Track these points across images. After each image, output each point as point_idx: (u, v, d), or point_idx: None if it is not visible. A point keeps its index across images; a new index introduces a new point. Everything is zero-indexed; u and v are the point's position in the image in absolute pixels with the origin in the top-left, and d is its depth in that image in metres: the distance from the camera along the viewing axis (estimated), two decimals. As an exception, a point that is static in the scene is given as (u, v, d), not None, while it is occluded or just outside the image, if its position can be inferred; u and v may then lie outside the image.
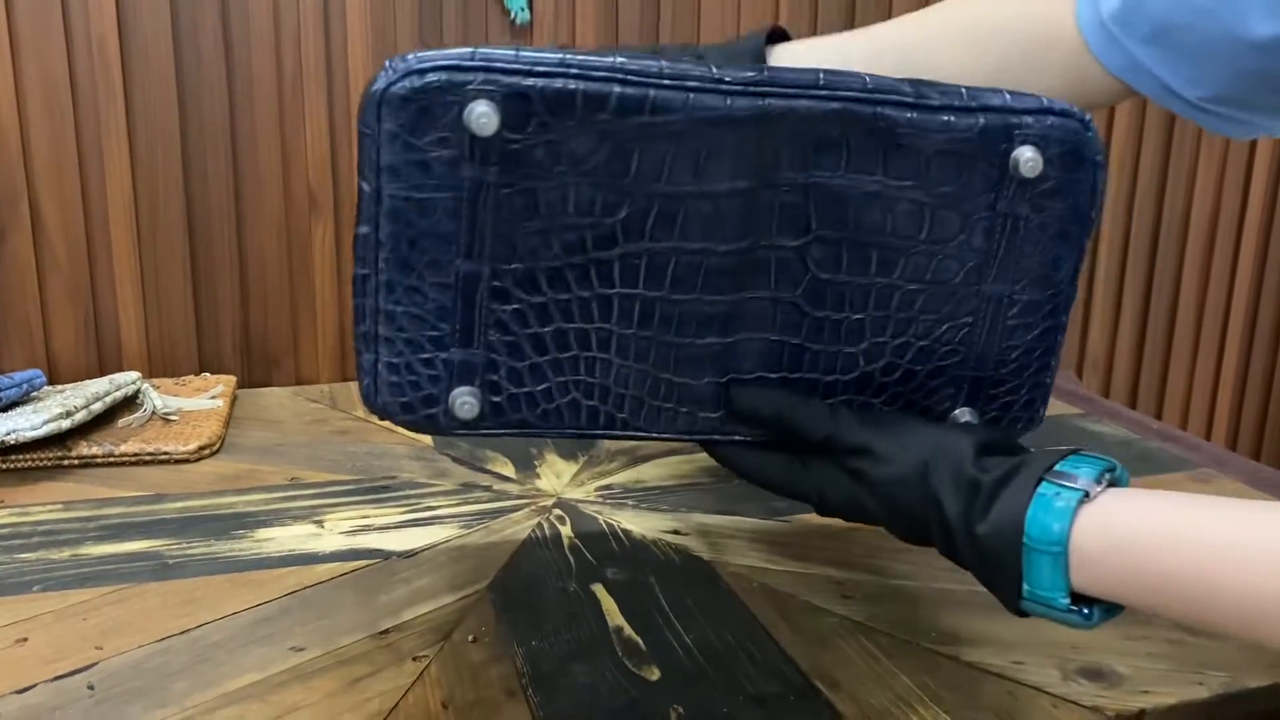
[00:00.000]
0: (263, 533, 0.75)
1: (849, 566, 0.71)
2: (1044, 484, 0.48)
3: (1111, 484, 0.49)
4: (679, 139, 0.51)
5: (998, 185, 0.54)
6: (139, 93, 1.02)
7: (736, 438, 0.57)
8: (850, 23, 1.19)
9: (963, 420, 0.59)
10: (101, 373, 1.05)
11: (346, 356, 1.13)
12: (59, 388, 0.95)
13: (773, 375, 0.56)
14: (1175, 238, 1.41)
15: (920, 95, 0.53)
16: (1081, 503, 0.47)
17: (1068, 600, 0.47)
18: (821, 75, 0.52)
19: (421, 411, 0.53)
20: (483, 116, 0.48)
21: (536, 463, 0.88)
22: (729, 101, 0.50)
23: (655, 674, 0.58)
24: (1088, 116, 0.55)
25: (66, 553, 0.72)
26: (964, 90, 0.54)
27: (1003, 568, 0.49)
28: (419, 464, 0.88)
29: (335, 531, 0.75)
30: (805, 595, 0.67)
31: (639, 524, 0.77)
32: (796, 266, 0.54)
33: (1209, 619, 0.44)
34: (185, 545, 0.73)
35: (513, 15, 1.09)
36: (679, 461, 0.89)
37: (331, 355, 1.12)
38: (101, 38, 0.99)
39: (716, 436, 0.57)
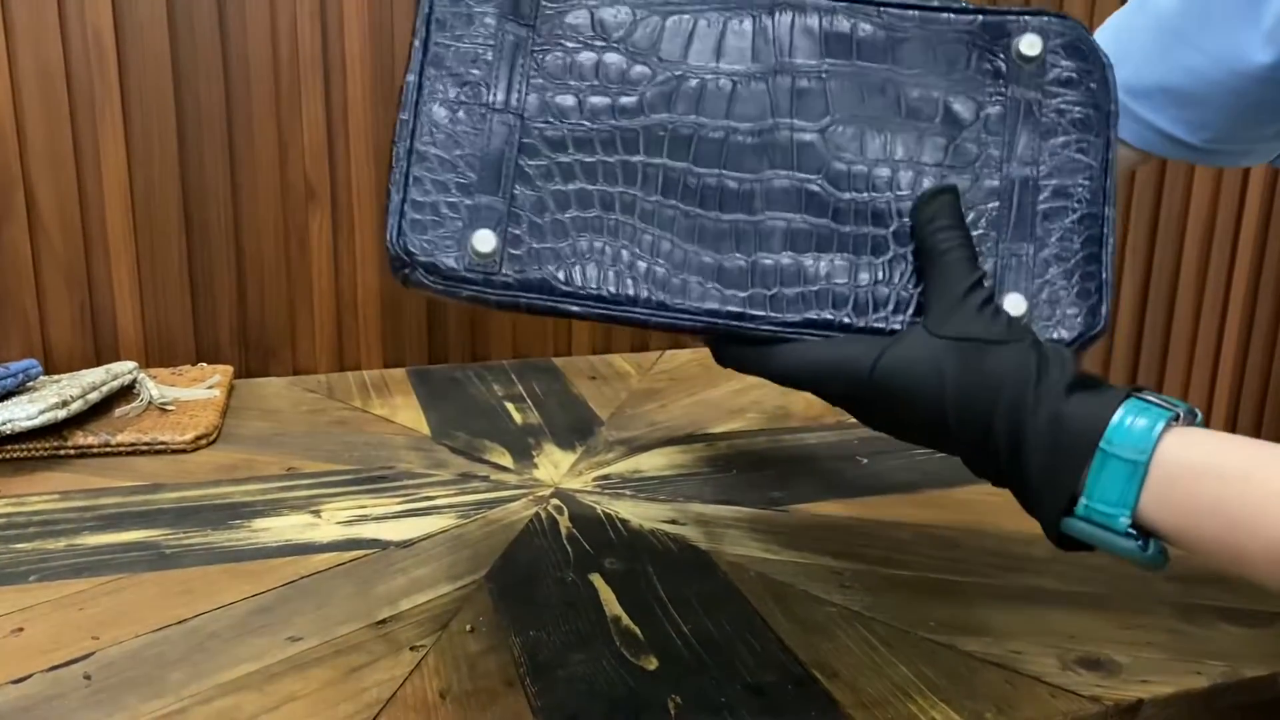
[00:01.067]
0: (259, 523, 0.75)
1: (847, 556, 0.71)
2: (1132, 398, 0.45)
3: (1191, 424, 0.46)
4: (704, 18, 0.56)
5: (1005, 73, 0.57)
6: (135, 81, 1.01)
7: (764, 328, 0.54)
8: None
9: (1011, 309, 0.55)
10: (98, 362, 1.05)
11: (344, 346, 1.12)
12: (55, 377, 0.94)
13: (801, 258, 0.56)
14: (1174, 227, 1.40)
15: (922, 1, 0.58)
16: (1170, 423, 0.44)
17: (1129, 521, 0.44)
18: None
19: (441, 253, 0.53)
20: None
21: (534, 453, 0.88)
22: None
23: (653, 663, 0.58)
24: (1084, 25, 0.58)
25: (63, 543, 0.71)
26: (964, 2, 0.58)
27: (1069, 462, 0.45)
28: (416, 454, 0.87)
29: (332, 521, 0.75)
30: (803, 585, 0.67)
31: (637, 514, 0.77)
32: (818, 149, 0.56)
33: (1267, 565, 0.41)
34: (182, 535, 0.73)
35: (510, 3, 1.08)
36: (677, 451, 0.89)
37: (329, 345, 1.12)
38: (97, 26, 0.99)
39: (745, 325, 0.54)
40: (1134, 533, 0.44)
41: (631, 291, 0.54)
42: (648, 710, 0.54)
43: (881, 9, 0.57)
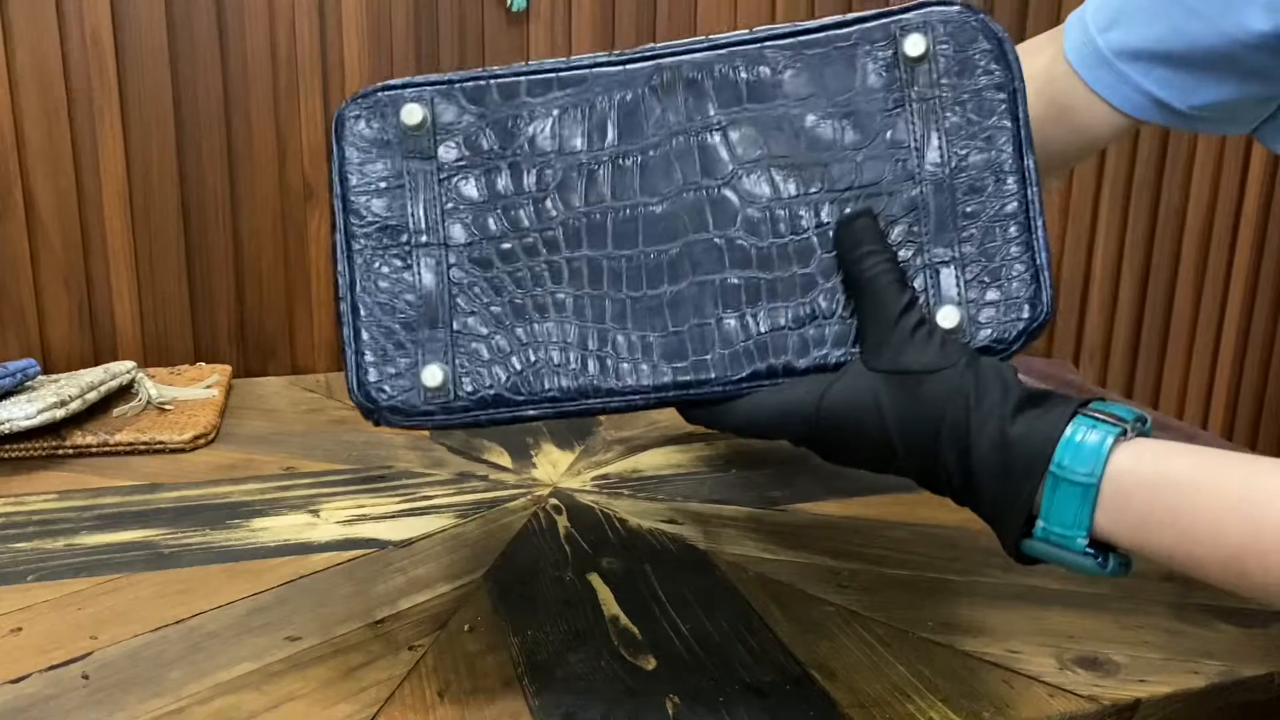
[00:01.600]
0: (258, 522, 0.75)
1: (845, 556, 0.71)
2: (1080, 416, 0.45)
3: (1141, 435, 0.46)
4: (590, 106, 0.56)
5: (899, 78, 0.56)
6: (133, 80, 1.01)
7: (713, 391, 0.55)
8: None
9: (944, 322, 0.55)
10: (96, 362, 1.05)
11: (342, 345, 1.12)
12: (53, 377, 0.94)
13: (735, 315, 0.56)
14: (1172, 227, 1.41)
15: (797, 26, 0.57)
16: (1119, 439, 0.44)
17: (1086, 541, 0.45)
18: (707, 36, 0.57)
19: (400, 394, 0.55)
20: (413, 113, 0.56)
21: (533, 452, 0.88)
22: (626, 67, 0.56)
23: (651, 663, 0.58)
24: (970, 4, 0.56)
25: (61, 542, 0.71)
26: (842, 15, 0.57)
27: (1021, 487, 0.45)
28: (415, 453, 0.87)
29: (331, 521, 0.75)
30: (801, 584, 0.67)
31: (635, 513, 0.77)
32: (730, 202, 0.56)
33: (1235, 573, 0.42)
34: (180, 535, 0.73)
35: (509, 2, 1.08)
36: (675, 451, 0.89)
37: (327, 344, 1.12)
38: (95, 25, 0.99)
39: (695, 392, 0.55)
40: (1092, 551, 0.45)
41: (580, 384, 0.55)
42: (646, 710, 0.54)
43: (761, 46, 0.56)
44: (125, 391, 0.95)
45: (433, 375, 0.55)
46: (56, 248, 1.02)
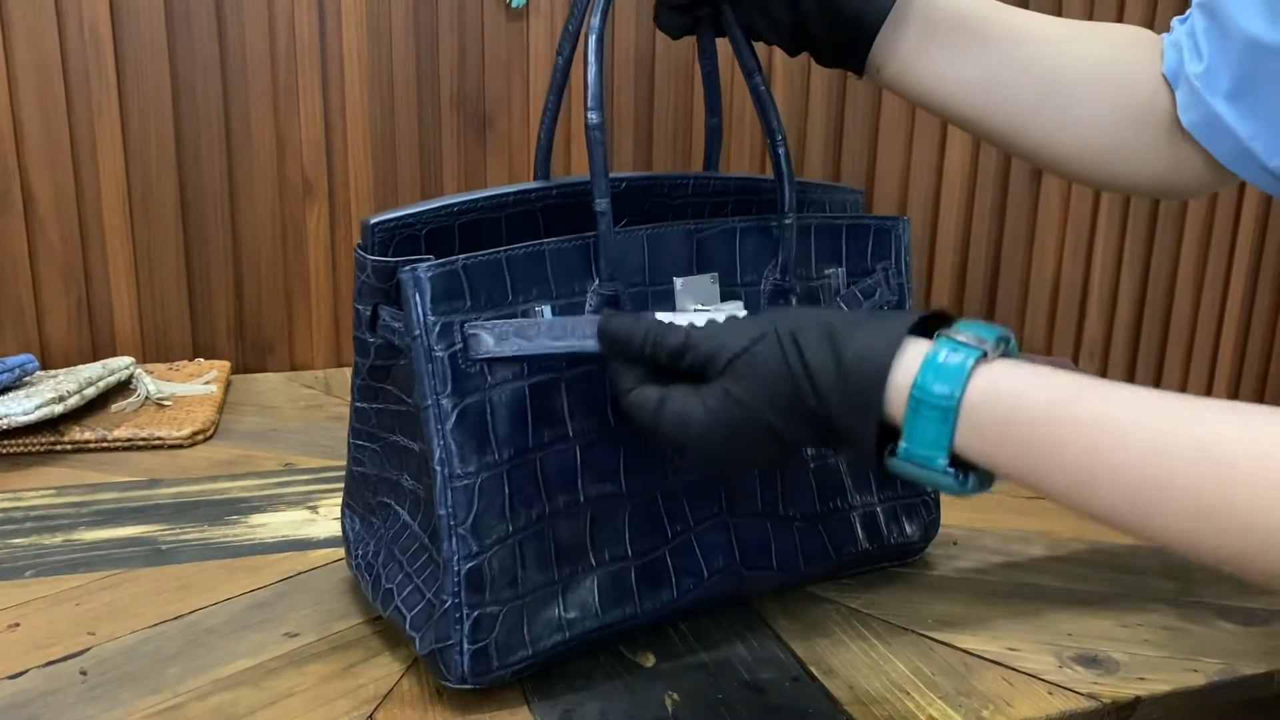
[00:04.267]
0: (257, 518, 0.75)
1: (845, 553, 0.71)
2: (941, 339, 0.46)
3: (1005, 355, 0.46)
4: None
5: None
6: (132, 75, 1.01)
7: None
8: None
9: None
10: (94, 357, 1.04)
11: (341, 341, 1.12)
12: (51, 372, 0.94)
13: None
14: (1172, 223, 1.40)
15: None
16: (979, 361, 0.45)
17: (946, 461, 0.45)
18: None
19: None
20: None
21: (532, 449, 0.88)
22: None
23: (650, 661, 0.58)
24: None
25: (59, 538, 0.71)
26: None
27: (869, 404, 0.45)
28: (414, 450, 0.87)
29: (329, 517, 0.75)
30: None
31: (634, 510, 0.76)
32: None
33: (1084, 499, 0.43)
34: (179, 530, 0.73)
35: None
36: (674, 448, 0.89)
37: (326, 341, 1.12)
38: (94, 20, 0.99)
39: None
40: (952, 471, 0.45)
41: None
42: (645, 707, 0.54)
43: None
44: (124, 387, 0.95)
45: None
46: (55, 243, 1.02)
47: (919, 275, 1.31)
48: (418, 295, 0.52)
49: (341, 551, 0.67)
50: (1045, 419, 0.43)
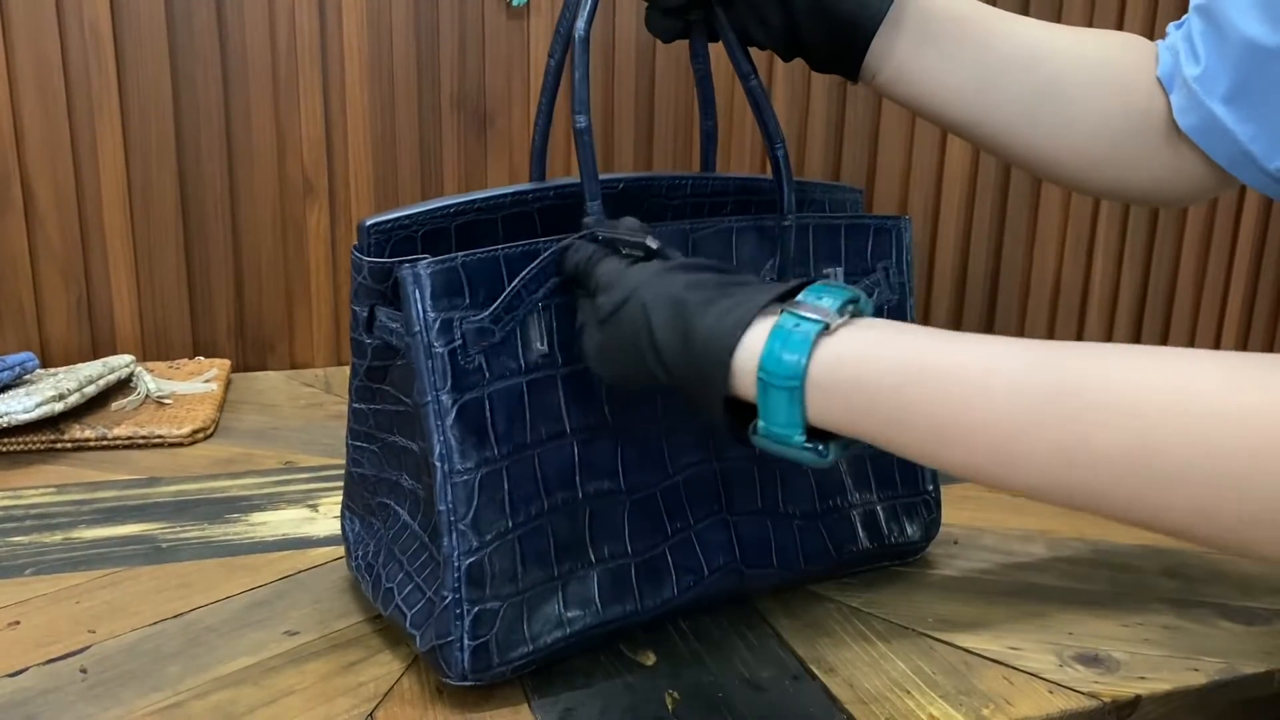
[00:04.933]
0: (257, 517, 0.75)
1: (845, 552, 0.71)
2: (784, 315, 0.46)
3: (855, 315, 0.47)
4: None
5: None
6: (132, 74, 1.01)
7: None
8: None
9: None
10: (94, 355, 1.04)
11: (341, 340, 1.12)
12: (51, 370, 0.94)
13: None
14: (1173, 224, 1.40)
15: None
16: (820, 335, 0.45)
17: (803, 437, 0.46)
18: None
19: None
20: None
21: (532, 447, 0.88)
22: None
23: (651, 659, 0.58)
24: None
25: (59, 536, 0.71)
26: None
27: (713, 384, 0.46)
28: (414, 448, 0.87)
29: (330, 516, 0.75)
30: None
31: (635, 509, 0.76)
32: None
33: (941, 455, 0.43)
34: (179, 529, 0.73)
35: (509, -3, 1.08)
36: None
37: (326, 339, 1.12)
38: (94, 19, 0.98)
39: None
40: (810, 445, 0.46)
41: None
42: (645, 705, 0.54)
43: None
44: (124, 385, 0.95)
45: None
46: (55, 242, 1.02)
47: (920, 275, 1.31)
48: (417, 292, 0.52)
49: (341, 550, 0.67)
50: (893, 381, 0.44)
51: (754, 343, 0.46)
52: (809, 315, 0.46)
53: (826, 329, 0.45)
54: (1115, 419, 0.39)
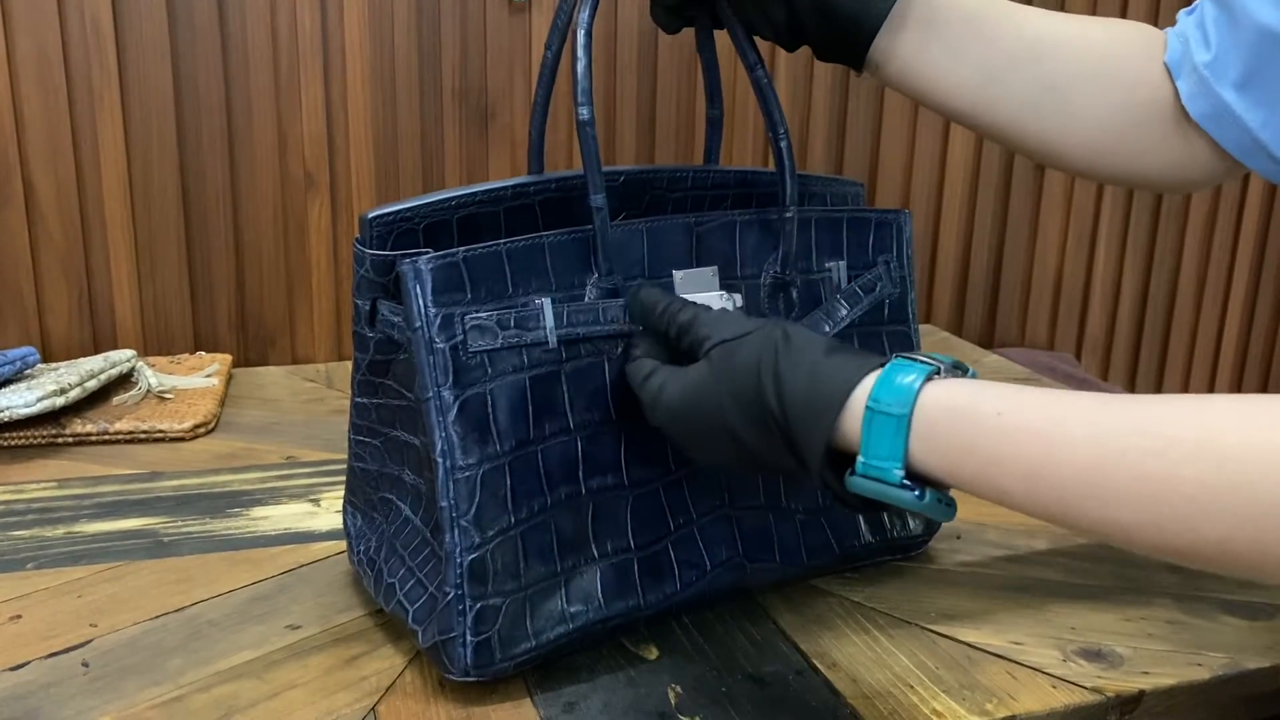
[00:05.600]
0: (258, 511, 0.75)
1: (848, 547, 0.71)
2: (898, 359, 0.48)
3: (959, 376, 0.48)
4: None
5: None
6: (133, 68, 1.01)
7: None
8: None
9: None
10: (96, 350, 1.04)
11: (343, 335, 1.12)
12: (53, 365, 0.94)
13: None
14: (1175, 218, 1.40)
15: None
16: (931, 376, 0.46)
17: (902, 473, 0.46)
18: None
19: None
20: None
21: (534, 442, 0.88)
22: None
23: (654, 653, 0.58)
24: None
25: (61, 530, 0.71)
26: None
27: (824, 414, 0.47)
28: (416, 443, 0.87)
29: (331, 510, 0.75)
30: (804, 575, 0.67)
31: (637, 504, 0.76)
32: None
33: (1034, 497, 0.43)
34: (181, 523, 0.73)
35: (511, -9, 1.08)
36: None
37: (328, 334, 1.12)
38: (95, 12, 0.98)
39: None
40: (909, 484, 0.46)
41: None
42: (647, 699, 0.54)
43: None
44: (125, 380, 0.95)
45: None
46: (56, 236, 1.02)
47: (921, 269, 1.31)
48: (418, 287, 0.52)
49: (343, 545, 0.67)
50: (994, 416, 0.44)
51: (867, 384, 0.47)
52: (921, 360, 0.47)
53: (937, 372, 0.47)
54: (1197, 453, 0.39)
